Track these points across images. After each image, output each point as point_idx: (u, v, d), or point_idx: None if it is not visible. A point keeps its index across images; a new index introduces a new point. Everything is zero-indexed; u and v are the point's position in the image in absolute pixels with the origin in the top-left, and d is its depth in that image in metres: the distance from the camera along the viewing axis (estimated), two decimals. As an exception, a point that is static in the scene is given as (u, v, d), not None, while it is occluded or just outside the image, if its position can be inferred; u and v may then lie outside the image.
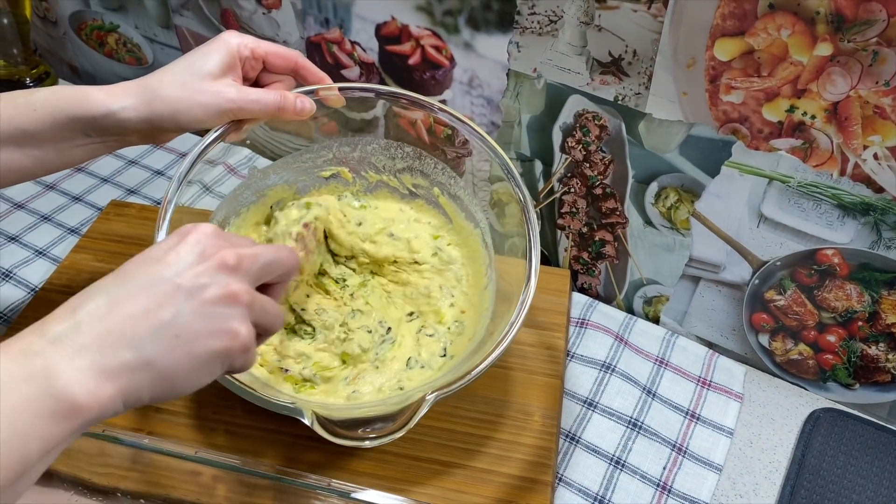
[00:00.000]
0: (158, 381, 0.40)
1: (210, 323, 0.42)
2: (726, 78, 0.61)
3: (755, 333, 0.74)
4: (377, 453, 0.65)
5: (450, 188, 0.72)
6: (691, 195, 0.69)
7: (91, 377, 0.38)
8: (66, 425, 0.37)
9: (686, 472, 0.67)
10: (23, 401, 0.36)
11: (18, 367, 0.37)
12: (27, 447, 0.36)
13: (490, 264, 0.69)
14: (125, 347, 0.39)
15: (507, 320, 0.59)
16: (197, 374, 0.42)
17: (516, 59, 0.70)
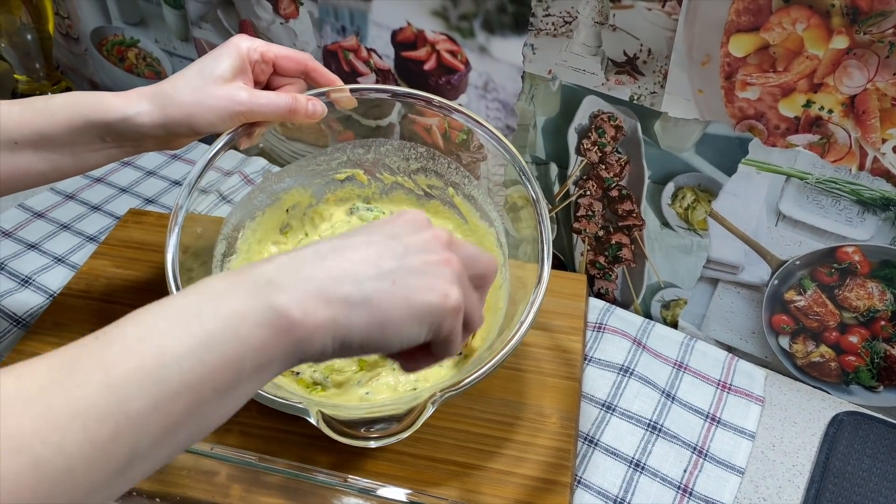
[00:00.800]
0: (372, 323, 0.41)
1: (427, 279, 0.43)
2: (742, 74, 0.61)
3: (775, 336, 0.73)
4: (393, 454, 0.64)
5: (464, 188, 0.72)
6: (708, 195, 0.69)
7: (309, 299, 0.39)
8: (280, 340, 0.38)
9: (707, 474, 0.66)
10: (244, 309, 0.37)
11: (244, 285, 0.38)
12: (244, 354, 0.36)
13: (504, 263, 0.69)
14: (345, 282, 0.40)
15: (518, 319, 0.58)
16: (408, 325, 0.42)
17: (531, 61, 0.71)
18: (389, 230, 0.45)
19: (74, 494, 0.31)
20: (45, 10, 1.00)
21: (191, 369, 0.35)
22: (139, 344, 0.34)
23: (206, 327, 0.36)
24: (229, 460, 0.57)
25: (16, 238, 0.86)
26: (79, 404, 0.32)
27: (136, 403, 0.33)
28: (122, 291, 0.77)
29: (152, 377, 0.33)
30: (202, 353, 0.35)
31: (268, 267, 0.40)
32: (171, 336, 0.35)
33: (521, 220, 0.71)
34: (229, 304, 0.37)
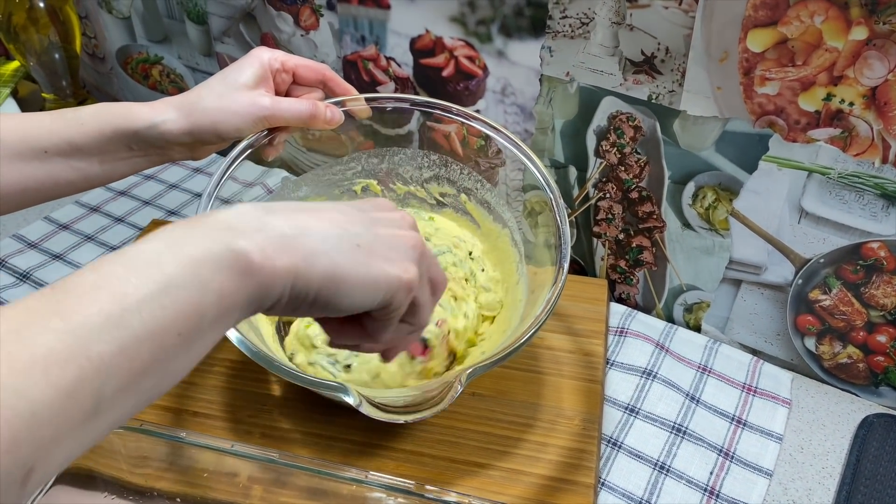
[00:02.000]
0: (329, 278, 0.40)
1: (390, 250, 0.43)
2: (760, 69, 0.61)
3: (801, 337, 0.72)
4: (415, 456, 0.64)
5: (477, 193, 0.74)
6: (729, 193, 0.69)
7: (270, 245, 0.38)
8: (240, 283, 0.37)
9: (734, 476, 0.65)
10: (204, 253, 0.36)
11: (205, 228, 0.38)
12: (204, 298, 0.36)
13: (521, 260, 0.70)
14: (309, 236, 0.40)
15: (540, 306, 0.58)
16: (363, 288, 0.41)
17: (549, 63, 0.71)
18: (360, 205, 0.45)
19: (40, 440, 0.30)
20: (72, 30, 1.03)
21: (152, 314, 0.34)
22: (97, 291, 0.34)
23: (166, 271, 0.35)
24: (250, 457, 0.57)
25: (41, 249, 0.87)
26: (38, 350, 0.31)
27: (97, 347, 0.32)
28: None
29: (113, 321, 0.33)
30: (163, 298, 0.34)
31: (228, 213, 0.39)
32: (130, 282, 0.34)
33: (539, 225, 0.71)
34: (189, 249, 0.36)
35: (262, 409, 0.68)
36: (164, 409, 0.68)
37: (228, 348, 0.72)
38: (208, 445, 0.57)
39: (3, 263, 0.84)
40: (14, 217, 0.93)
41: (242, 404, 0.68)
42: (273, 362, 0.54)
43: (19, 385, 0.30)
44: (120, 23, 1.04)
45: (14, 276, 0.83)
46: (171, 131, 0.60)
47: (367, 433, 0.65)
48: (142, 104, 0.61)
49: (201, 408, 0.68)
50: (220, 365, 0.71)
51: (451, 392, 0.51)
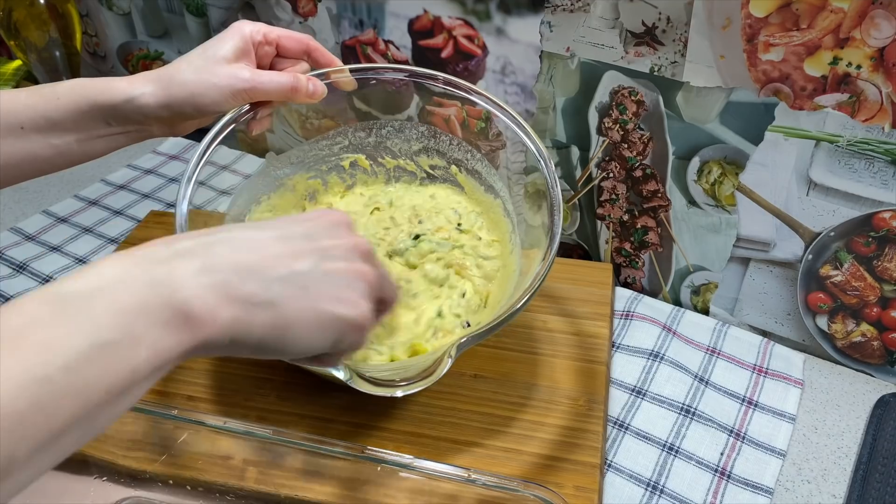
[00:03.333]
0: (272, 328, 0.38)
1: (338, 289, 0.40)
2: (764, 35, 0.60)
3: (812, 316, 0.70)
4: (414, 437, 0.62)
5: (467, 164, 0.72)
6: (735, 167, 0.67)
7: (212, 296, 0.35)
8: (178, 339, 0.34)
9: (746, 457, 0.62)
10: (140, 304, 0.33)
11: (141, 271, 0.35)
12: (137, 354, 0.33)
13: (513, 230, 0.68)
14: (253, 280, 0.37)
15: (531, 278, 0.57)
16: (312, 333, 0.39)
17: (549, 39, 0.70)
18: (309, 229, 0.42)
19: None
20: (73, 27, 1.03)
21: (77, 371, 0.31)
22: (19, 339, 0.31)
23: (98, 322, 0.32)
24: (243, 433, 0.55)
25: (39, 241, 0.86)
26: None
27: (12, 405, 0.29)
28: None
29: (32, 375, 0.30)
30: (91, 352, 0.31)
31: (166, 251, 0.36)
32: (57, 331, 0.31)
33: (541, 209, 0.70)
34: (125, 299, 0.33)
35: (258, 392, 0.66)
36: (157, 392, 0.66)
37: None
38: (200, 422, 0.56)
39: (0, 255, 0.83)
40: (12, 210, 0.92)
41: (238, 388, 0.66)
42: None
43: None
44: (120, 19, 1.04)
45: (10, 268, 0.82)
46: (148, 104, 0.58)
47: (365, 415, 0.64)
48: (120, 78, 0.59)
49: (195, 391, 0.66)
50: (216, 350, 0.70)
51: (441, 365, 0.49)
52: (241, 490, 0.59)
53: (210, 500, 0.59)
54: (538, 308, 0.74)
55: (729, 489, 0.60)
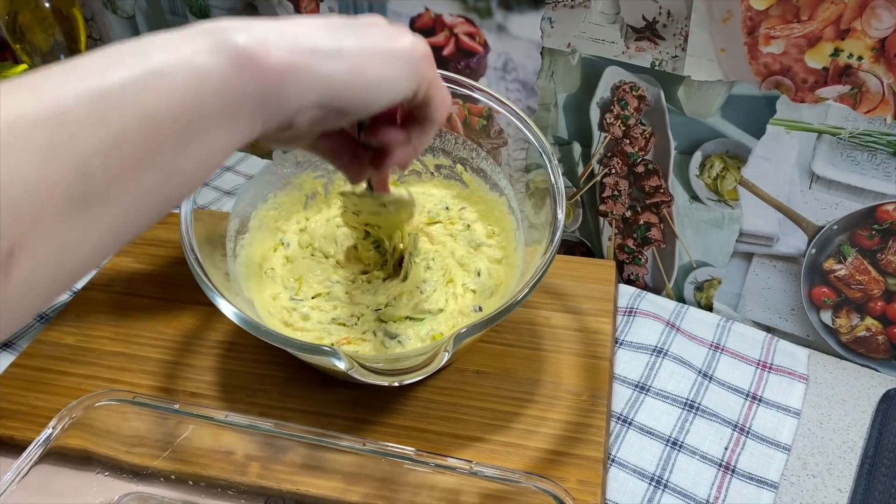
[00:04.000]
0: (351, 70, 0.37)
1: (390, 39, 0.40)
2: (765, 28, 0.60)
3: (816, 311, 0.70)
4: (417, 431, 0.62)
5: (472, 163, 0.73)
6: (737, 161, 0.67)
7: (272, 42, 0.34)
8: (243, 77, 0.33)
9: (750, 451, 0.62)
10: (196, 46, 0.32)
11: (189, 29, 0.33)
12: (203, 85, 0.32)
13: (518, 227, 0.69)
14: (306, 36, 0.36)
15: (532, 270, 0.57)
16: (389, 70, 0.39)
17: (550, 35, 0.70)
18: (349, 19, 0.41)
19: (17, 214, 0.26)
20: (78, 30, 1.03)
21: (137, 94, 0.30)
22: (71, 72, 0.29)
23: (153, 59, 0.31)
24: (245, 426, 0.55)
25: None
26: (7, 111, 0.27)
27: (72, 115, 0.28)
28: (143, 285, 0.77)
29: (90, 95, 0.29)
30: (151, 79, 0.30)
31: (214, 22, 0.35)
32: (111, 69, 0.30)
33: (544, 206, 0.70)
34: (177, 45, 0.32)
35: (260, 388, 0.66)
36: (159, 389, 0.66)
37: (224, 330, 0.71)
38: (202, 416, 0.56)
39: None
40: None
41: (240, 384, 0.66)
42: (261, 328, 0.53)
43: None
44: (124, 23, 1.05)
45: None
46: None
47: (367, 411, 0.64)
48: None
49: (198, 388, 0.66)
50: (218, 347, 0.70)
51: (440, 355, 0.49)
52: (243, 485, 0.59)
53: (212, 495, 0.59)
54: (541, 304, 0.73)
55: (733, 483, 0.60)
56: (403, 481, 0.54)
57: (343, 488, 0.57)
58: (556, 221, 0.58)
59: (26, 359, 0.69)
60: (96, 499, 0.58)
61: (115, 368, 0.68)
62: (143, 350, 0.69)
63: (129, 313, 0.74)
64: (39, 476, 0.54)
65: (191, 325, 0.72)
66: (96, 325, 0.72)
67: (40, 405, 0.64)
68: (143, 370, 0.68)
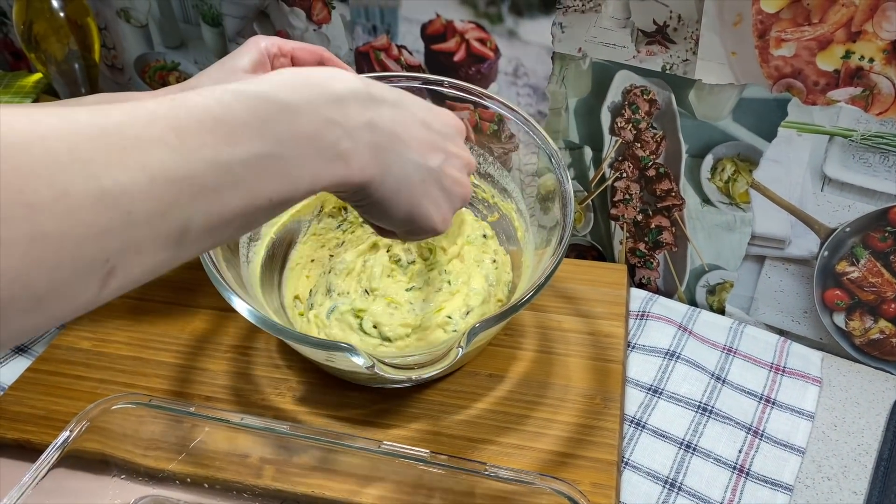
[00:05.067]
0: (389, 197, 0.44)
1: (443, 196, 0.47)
2: (776, 31, 0.60)
3: (829, 314, 0.70)
4: (431, 434, 0.62)
5: (480, 168, 0.74)
6: (749, 164, 0.67)
7: (366, 152, 0.41)
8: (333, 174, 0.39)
9: (765, 454, 0.62)
10: (314, 136, 0.38)
11: (321, 102, 0.39)
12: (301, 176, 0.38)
13: (527, 230, 0.70)
14: (396, 153, 0.43)
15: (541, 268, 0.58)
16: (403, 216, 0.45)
17: (560, 40, 0.71)
18: (443, 125, 0.47)
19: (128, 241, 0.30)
20: (92, 39, 1.04)
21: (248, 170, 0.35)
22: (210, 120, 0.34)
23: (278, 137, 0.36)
24: (260, 429, 0.55)
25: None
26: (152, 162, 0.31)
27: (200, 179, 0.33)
28: (157, 290, 0.78)
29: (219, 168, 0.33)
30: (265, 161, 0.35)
31: (344, 88, 0.40)
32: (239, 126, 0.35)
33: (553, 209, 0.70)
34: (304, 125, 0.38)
35: (275, 392, 0.66)
36: (174, 393, 0.66)
37: (238, 334, 0.72)
38: (217, 419, 0.56)
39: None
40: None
41: (254, 388, 0.67)
42: (277, 326, 0.53)
43: (120, 181, 0.30)
44: (138, 31, 1.06)
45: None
46: None
47: (381, 414, 0.64)
48: (143, 92, 0.62)
49: (212, 392, 0.66)
50: (232, 351, 0.70)
51: (453, 350, 0.49)
52: (258, 488, 0.59)
53: (227, 498, 0.59)
54: (553, 308, 0.74)
55: (748, 486, 0.60)
56: (418, 483, 0.54)
57: (358, 490, 0.57)
58: (566, 221, 0.58)
59: (42, 363, 0.69)
60: (113, 502, 0.59)
61: (130, 373, 0.68)
62: (157, 354, 0.70)
63: (143, 318, 0.74)
64: (56, 480, 0.54)
65: (204, 329, 0.72)
66: (111, 329, 0.73)
67: (56, 409, 0.65)
68: (157, 374, 0.68)
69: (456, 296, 0.66)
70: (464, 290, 0.66)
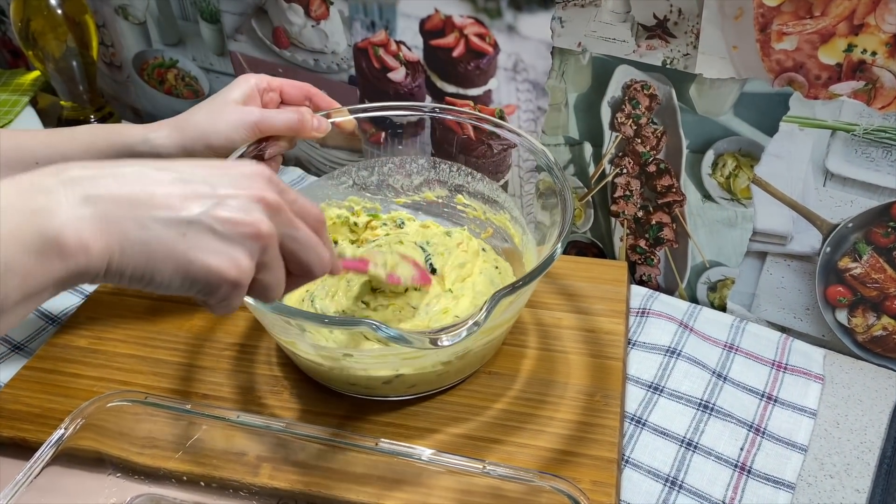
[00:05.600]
0: (144, 266, 0.38)
1: (222, 241, 0.40)
2: (777, 24, 0.59)
3: (832, 310, 0.69)
4: (430, 432, 0.61)
5: (468, 187, 0.75)
6: (750, 159, 0.66)
7: (88, 227, 0.36)
8: (49, 267, 0.36)
9: (766, 452, 0.61)
10: (13, 231, 0.35)
11: (21, 199, 0.36)
12: (7, 282, 0.35)
13: (524, 233, 0.71)
14: (132, 216, 0.37)
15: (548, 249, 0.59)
16: (177, 280, 0.39)
17: (560, 35, 0.70)
18: (215, 175, 0.41)
19: None
20: (90, 36, 1.04)
21: None
22: None
23: None
24: (256, 426, 0.55)
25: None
26: None
27: None
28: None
29: None
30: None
31: (53, 180, 0.37)
32: None
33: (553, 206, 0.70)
34: (1, 226, 0.35)
35: (272, 391, 0.66)
36: (171, 391, 0.66)
37: (236, 332, 0.71)
38: (213, 416, 0.55)
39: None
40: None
41: (252, 386, 0.66)
42: (283, 306, 0.54)
43: None
44: (136, 28, 1.05)
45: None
46: (163, 145, 0.63)
47: (380, 412, 0.63)
48: (136, 125, 0.65)
49: (210, 390, 0.66)
50: (229, 349, 0.70)
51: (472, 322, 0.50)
52: (255, 486, 0.58)
53: (224, 497, 0.59)
54: (553, 306, 0.73)
55: (749, 484, 0.59)
56: (416, 482, 0.54)
57: (355, 489, 0.56)
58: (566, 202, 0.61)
59: (38, 361, 0.69)
60: (108, 500, 0.58)
61: (127, 370, 0.68)
62: (154, 352, 0.69)
63: (140, 315, 0.74)
64: (51, 477, 0.54)
65: (202, 328, 0.72)
66: (108, 327, 0.72)
67: (53, 407, 0.64)
68: (154, 372, 0.68)
69: (461, 299, 0.65)
70: (470, 294, 0.66)
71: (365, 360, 0.60)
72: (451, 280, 0.68)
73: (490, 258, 0.72)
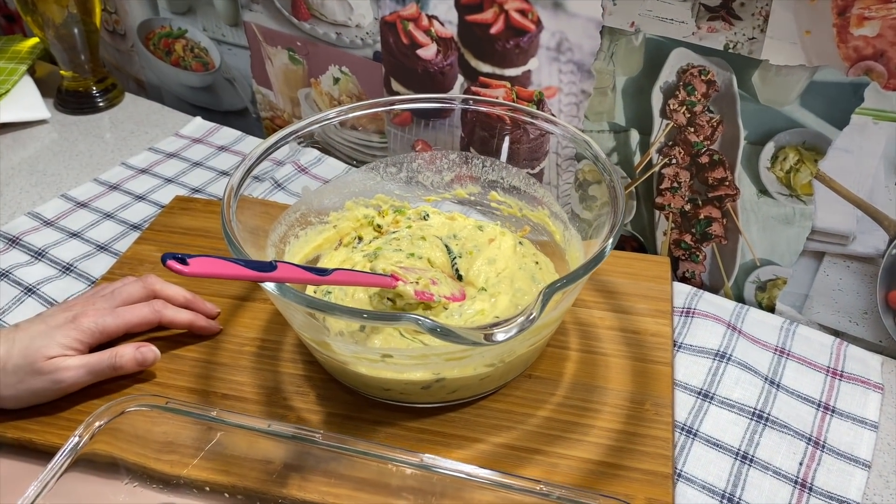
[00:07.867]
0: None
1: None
2: (858, 8, 0.55)
3: (892, 315, 0.65)
4: (468, 441, 0.57)
5: (504, 183, 0.70)
6: (814, 153, 0.62)
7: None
8: None
9: (827, 467, 0.58)
10: None
11: None
12: None
13: (567, 228, 0.66)
14: None
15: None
16: None
17: (611, 13, 0.65)
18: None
19: None
20: (92, 2, 0.98)
21: None
22: None
23: None
24: (289, 437, 0.50)
25: (58, 227, 0.82)
26: None
27: None
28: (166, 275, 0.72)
29: None
30: None
31: None
32: None
33: (590, 198, 0.65)
34: None
35: (298, 391, 0.61)
36: (189, 390, 0.61)
37: (257, 326, 0.67)
38: (242, 425, 0.51)
39: (18, 241, 0.79)
40: (29, 194, 0.88)
41: (276, 386, 0.62)
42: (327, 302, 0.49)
43: None
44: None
45: (29, 255, 0.77)
46: None
47: (414, 417, 0.59)
48: None
49: (231, 389, 0.61)
50: (250, 345, 0.65)
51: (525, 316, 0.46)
52: (282, 498, 0.54)
53: (249, 509, 0.55)
54: (593, 304, 0.69)
55: (812, 503, 0.55)
56: (462, 499, 0.50)
57: (392, 502, 0.52)
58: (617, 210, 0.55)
59: (44, 355, 0.64)
60: (125, 511, 0.54)
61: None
62: (168, 346, 0.65)
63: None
64: (66, 485, 0.50)
65: (220, 322, 0.67)
66: (118, 318, 0.67)
67: (60, 407, 0.60)
68: (170, 369, 0.63)
69: (499, 297, 0.61)
70: (508, 292, 0.61)
71: (404, 362, 0.56)
72: (482, 280, 0.63)
73: (529, 252, 0.67)
